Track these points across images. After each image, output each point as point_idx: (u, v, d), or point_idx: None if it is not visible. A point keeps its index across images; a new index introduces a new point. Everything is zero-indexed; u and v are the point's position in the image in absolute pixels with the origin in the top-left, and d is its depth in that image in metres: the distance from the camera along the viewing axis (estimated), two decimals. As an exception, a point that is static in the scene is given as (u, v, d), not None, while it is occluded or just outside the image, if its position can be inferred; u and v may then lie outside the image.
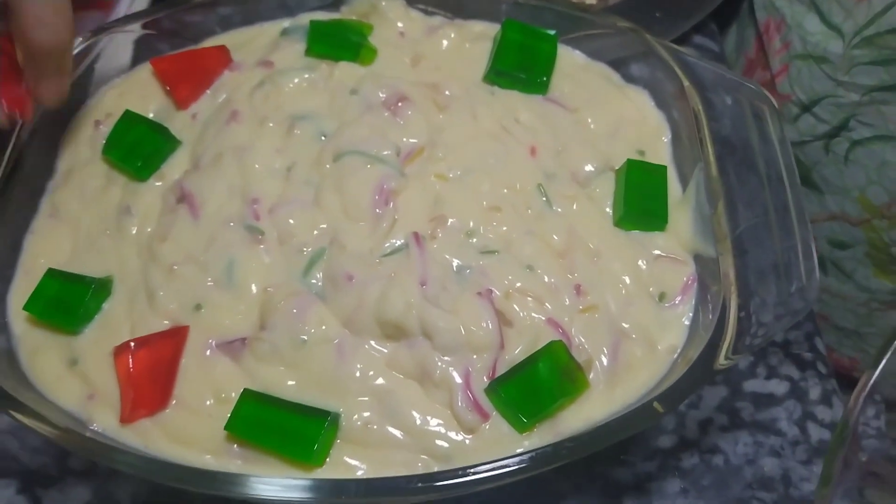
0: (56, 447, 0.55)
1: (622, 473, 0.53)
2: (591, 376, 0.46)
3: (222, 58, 0.59)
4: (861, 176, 0.62)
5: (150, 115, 0.57)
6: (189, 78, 0.58)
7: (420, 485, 0.41)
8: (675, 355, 0.48)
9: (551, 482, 0.53)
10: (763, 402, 0.56)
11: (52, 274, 0.50)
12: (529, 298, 0.48)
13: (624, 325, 0.48)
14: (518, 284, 0.48)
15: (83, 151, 0.57)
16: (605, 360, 0.47)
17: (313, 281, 0.49)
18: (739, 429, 0.55)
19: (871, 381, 0.40)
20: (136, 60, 0.61)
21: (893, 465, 0.41)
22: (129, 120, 0.55)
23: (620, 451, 0.54)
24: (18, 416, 0.43)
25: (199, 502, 0.53)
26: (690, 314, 0.49)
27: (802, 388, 0.57)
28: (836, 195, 0.64)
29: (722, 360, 0.44)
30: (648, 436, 0.55)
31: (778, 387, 0.57)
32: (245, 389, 0.45)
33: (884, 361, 0.40)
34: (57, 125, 0.58)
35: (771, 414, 0.56)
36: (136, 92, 0.59)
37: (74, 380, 0.48)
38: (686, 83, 0.54)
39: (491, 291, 0.48)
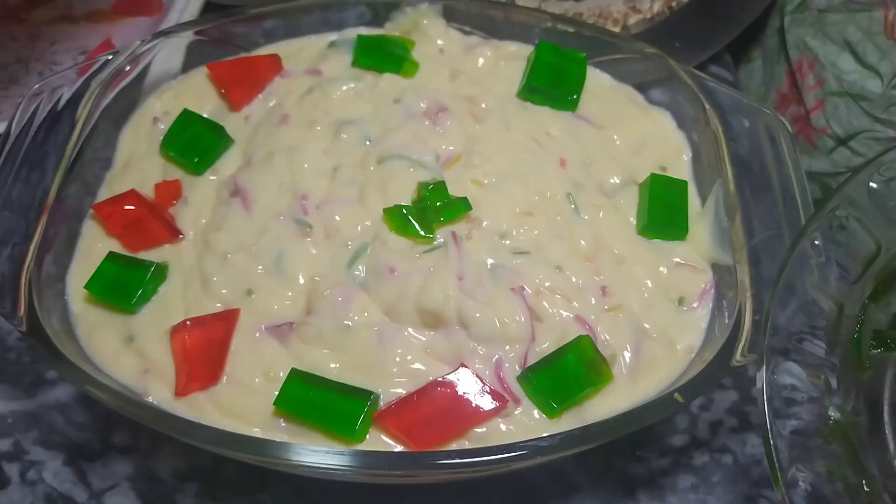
0: (100, 423, 0.58)
1: (637, 468, 0.56)
2: (614, 370, 0.49)
3: (274, 65, 0.63)
4: None
5: (205, 116, 0.61)
6: (243, 82, 0.62)
7: (459, 460, 0.44)
8: (693, 355, 0.51)
9: (569, 474, 0.56)
10: (770, 407, 0.60)
11: (112, 257, 0.53)
12: (558, 296, 0.51)
13: (646, 325, 0.52)
14: (548, 283, 0.52)
15: (141, 145, 0.60)
16: (628, 357, 0.50)
17: (357, 272, 0.52)
18: (748, 431, 0.58)
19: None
20: (187, 64, 0.65)
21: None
22: (187, 118, 0.59)
23: (636, 447, 0.57)
24: (87, 387, 0.46)
25: (234, 478, 0.56)
26: (707, 318, 0.53)
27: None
28: None
29: (738, 358, 0.47)
30: (662, 434, 0.58)
31: (784, 393, 0.60)
32: (293, 369, 0.48)
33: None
34: (115, 122, 0.62)
35: (777, 418, 0.59)
36: (191, 93, 0.63)
37: (131, 355, 0.51)
38: (707, 106, 0.58)
39: (523, 288, 0.51)
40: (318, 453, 0.43)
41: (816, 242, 0.45)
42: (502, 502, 0.55)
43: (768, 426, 0.40)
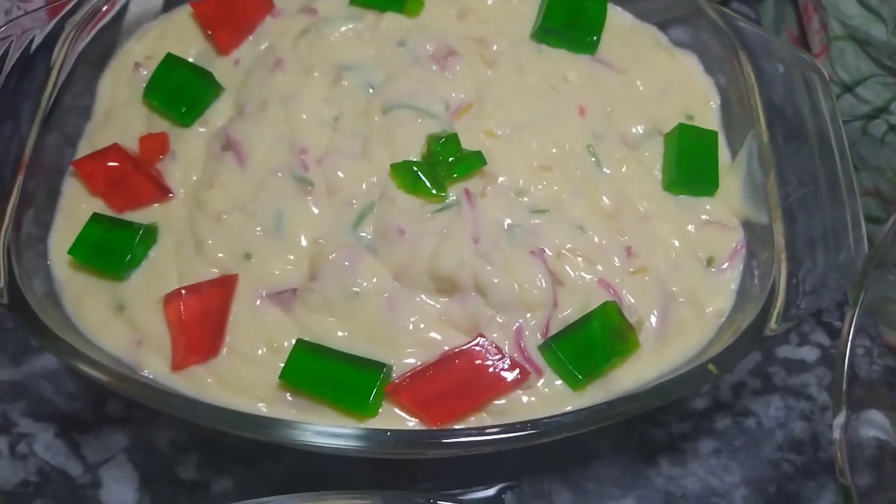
0: (92, 392, 0.55)
1: (657, 433, 0.54)
2: (640, 337, 0.46)
3: (264, 3, 0.57)
4: (895, 158, 0.63)
5: (191, 60, 0.56)
6: (230, 23, 0.57)
7: (479, 437, 0.41)
8: (723, 320, 0.48)
9: (588, 440, 0.54)
10: (795, 368, 0.57)
11: (97, 219, 0.49)
12: (580, 259, 0.48)
13: (673, 288, 0.49)
14: (569, 245, 0.48)
15: (122, 94, 0.55)
16: (654, 322, 0.47)
17: (363, 234, 0.49)
18: (772, 393, 0.56)
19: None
20: (169, 2, 0.60)
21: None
22: (172, 63, 0.54)
23: (657, 411, 0.55)
24: (76, 363, 0.42)
25: (237, 448, 0.53)
26: (737, 280, 0.50)
27: (832, 356, 0.58)
28: (871, 172, 0.65)
29: (772, 326, 0.45)
30: (684, 397, 0.56)
31: (809, 353, 0.58)
32: (298, 339, 0.45)
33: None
34: (93, 67, 0.56)
35: (802, 379, 0.57)
36: (174, 35, 0.58)
37: (122, 325, 0.47)
38: (739, 49, 0.53)
39: (543, 250, 0.48)
40: (329, 434, 0.40)
41: None
42: (518, 469, 0.53)
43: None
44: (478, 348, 0.45)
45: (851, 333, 0.41)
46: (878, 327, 0.49)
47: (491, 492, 0.52)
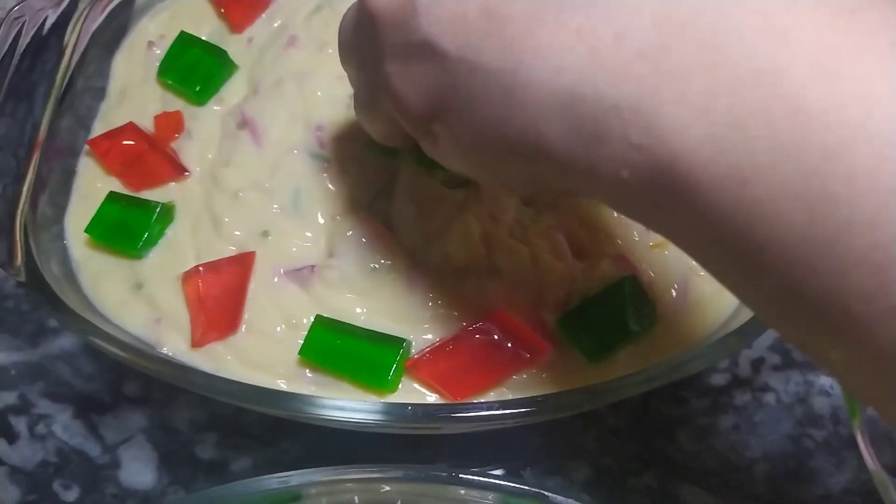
0: (109, 373, 0.55)
1: (676, 409, 0.54)
2: (659, 311, 0.46)
3: (277, -19, 0.57)
4: None
5: (204, 39, 0.56)
6: (243, 0, 0.56)
7: (498, 411, 0.41)
8: (743, 293, 0.48)
9: (607, 417, 0.54)
10: (813, 344, 0.57)
11: (113, 197, 0.49)
12: (600, 233, 0.48)
13: (692, 262, 0.48)
14: (588, 219, 0.48)
15: (137, 73, 0.55)
16: (674, 296, 0.47)
17: (380, 210, 0.48)
18: (791, 368, 0.56)
19: None
20: (181, -18, 0.59)
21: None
22: (185, 42, 0.54)
23: (675, 387, 0.55)
24: (98, 341, 0.42)
25: (255, 427, 0.53)
26: (757, 253, 0.49)
27: (851, 331, 0.57)
28: None
29: (795, 297, 0.44)
30: (702, 373, 0.55)
31: (828, 329, 0.58)
32: (317, 316, 0.45)
33: None
34: (106, 47, 0.56)
35: (821, 355, 0.57)
36: (187, 14, 0.58)
37: (140, 304, 0.47)
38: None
39: (561, 225, 0.47)
40: (351, 409, 0.40)
41: None
42: (538, 446, 0.53)
43: None
44: (496, 323, 0.45)
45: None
46: None
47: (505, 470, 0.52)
